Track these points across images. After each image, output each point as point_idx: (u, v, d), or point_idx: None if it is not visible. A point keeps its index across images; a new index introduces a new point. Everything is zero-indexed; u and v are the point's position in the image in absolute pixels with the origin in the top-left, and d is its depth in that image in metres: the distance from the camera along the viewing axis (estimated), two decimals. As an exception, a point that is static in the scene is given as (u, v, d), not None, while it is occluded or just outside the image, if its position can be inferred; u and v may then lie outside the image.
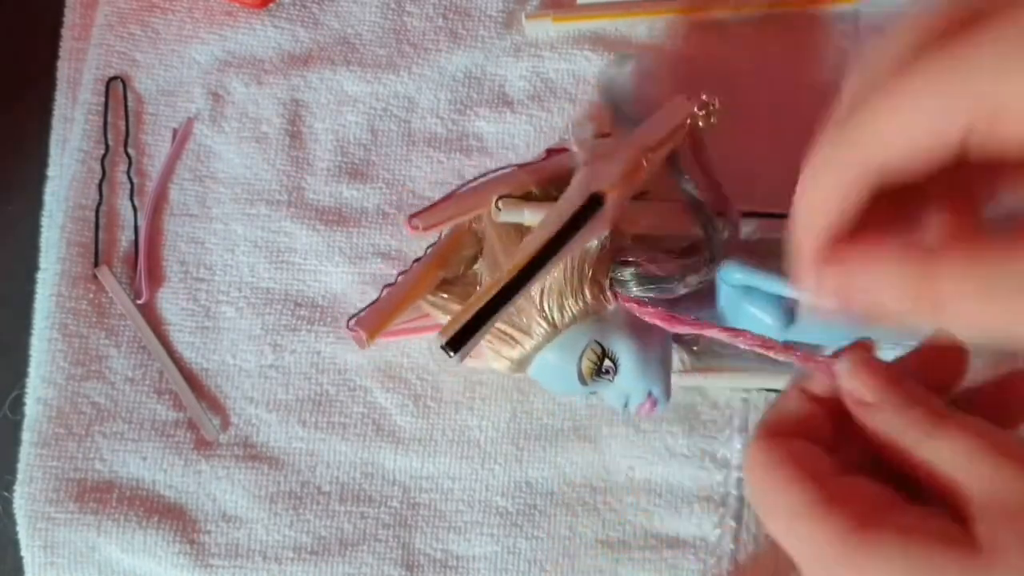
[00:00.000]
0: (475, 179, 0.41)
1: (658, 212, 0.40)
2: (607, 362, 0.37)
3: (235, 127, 0.47)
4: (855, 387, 0.28)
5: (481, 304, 0.34)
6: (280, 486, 0.43)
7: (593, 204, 0.35)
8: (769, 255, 0.33)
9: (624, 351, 0.37)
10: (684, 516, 0.42)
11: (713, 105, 0.39)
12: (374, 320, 0.39)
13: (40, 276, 0.46)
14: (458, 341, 0.33)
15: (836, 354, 0.28)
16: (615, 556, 0.42)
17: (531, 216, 0.37)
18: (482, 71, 0.47)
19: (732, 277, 0.37)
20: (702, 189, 0.39)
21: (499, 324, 0.36)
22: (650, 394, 0.37)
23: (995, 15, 0.20)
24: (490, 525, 0.42)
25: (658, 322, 0.36)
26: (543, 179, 0.40)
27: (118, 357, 0.44)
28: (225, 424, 0.44)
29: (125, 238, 0.46)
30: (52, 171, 0.47)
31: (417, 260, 0.41)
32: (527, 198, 0.39)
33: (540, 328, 0.37)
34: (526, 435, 0.43)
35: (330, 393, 0.44)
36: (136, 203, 0.46)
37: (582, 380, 0.37)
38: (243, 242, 0.46)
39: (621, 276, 0.37)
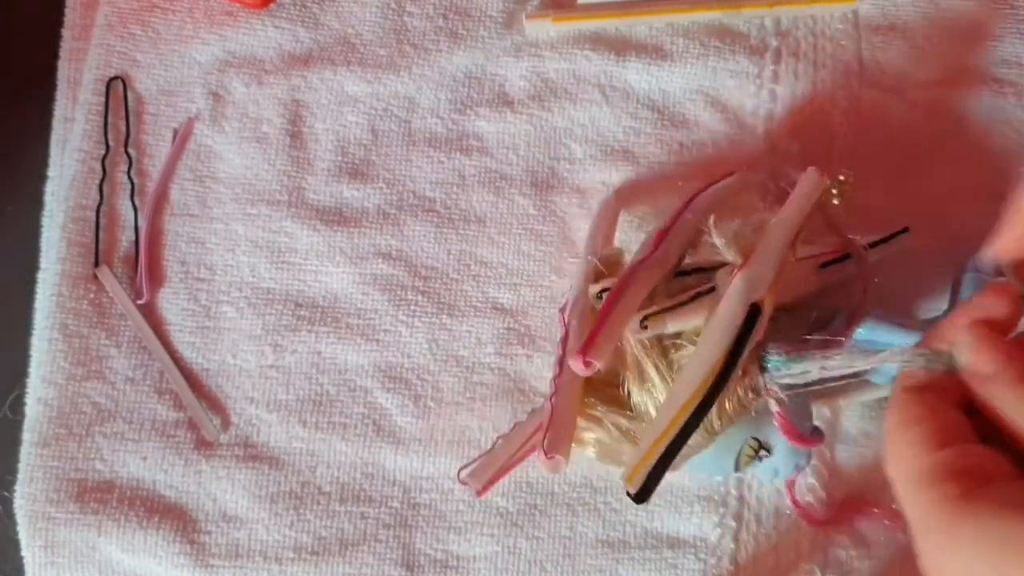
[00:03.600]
0: (618, 288, 0.37)
1: (788, 282, 0.38)
2: (763, 451, 0.37)
3: (236, 127, 0.47)
4: (974, 360, 0.30)
5: (665, 445, 0.32)
6: (280, 486, 0.43)
7: (753, 315, 0.34)
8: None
9: (779, 439, 0.36)
10: (684, 516, 0.42)
11: (847, 181, 0.38)
12: (564, 442, 0.36)
13: (40, 276, 0.46)
14: (647, 488, 0.32)
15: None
16: (615, 556, 0.42)
17: (673, 326, 0.36)
18: (482, 71, 0.47)
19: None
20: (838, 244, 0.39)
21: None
22: (797, 465, 0.37)
23: None
24: (490, 525, 0.42)
25: (784, 434, 0.35)
26: (668, 268, 0.38)
27: (118, 357, 0.44)
28: (226, 424, 0.44)
29: (126, 238, 0.46)
30: (52, 171, 0.47)
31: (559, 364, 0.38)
32: (661, 297, 0.37)
33: (699, 439, 0.35)
34: (526, 435, 0.43)
35: (331, 393, 0.44)
36: (137, 203, 0.46)
37: (737, 469, 0.37)
38: (244, 242, 0.46)
39: (772, 367, 0.35)
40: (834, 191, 0.38)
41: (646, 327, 0.35)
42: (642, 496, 0.32)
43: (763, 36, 0.47)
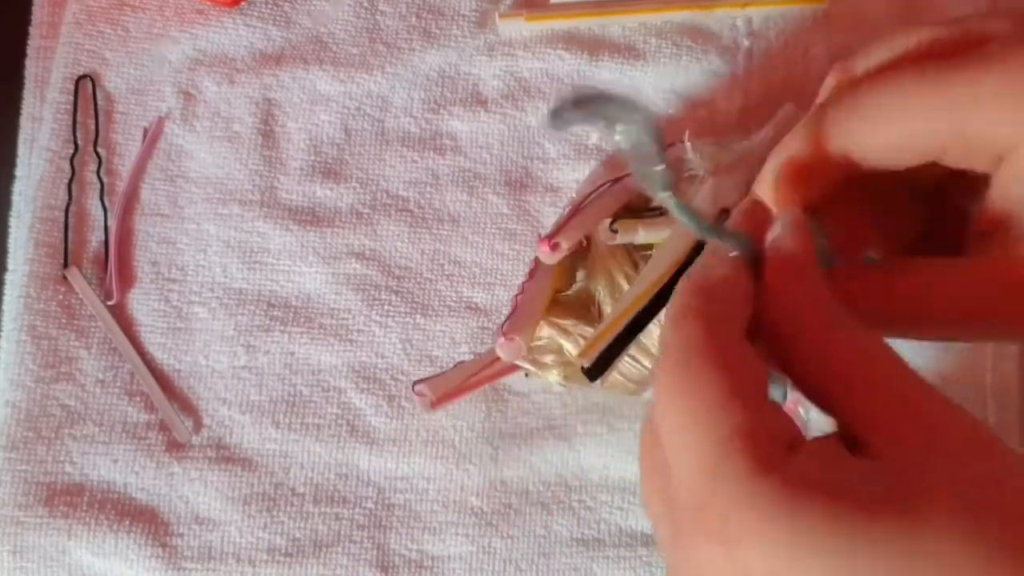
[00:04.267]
0: (587, 193, 0.39)
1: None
2: None
3: (207, 126, 0.46)
4: (787, 241, 0.25)
5: (621, 327, 0.32)
6: (254, 488, 0.43)
7: (723, 219, 0.34)
8: None
9: None
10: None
11: None
12: (525, 326, 0.36)
13: (8, 277, 0.45)
14: (600, 364, 0.32)
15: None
16: (590, 554, 0.42)
17: (644, 235, 0.36)
18: (456, 70, 0.47)
19: None
20: None
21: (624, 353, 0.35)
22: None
23: (982, 52, 0.24)
24: (465, 525, 0.42)
25: None
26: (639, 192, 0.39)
27: (88, 359, 0.44)
28: (198, 426, 0.44)
29: (95, 238, 0.45)
30: (20, 171, 0.46)
31: (531, 271, 0.39)
32: (633, 213, 0.38)
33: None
34: (501, 434, 0.43)
35: (304, 394, 0.44)
36: (106, 203, 0.45)
37: None
38: (215, 242, 0.45)
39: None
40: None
41: (616, 231, 0.36)
42: (595, 372, 0.32)
43: (735, 36, 0.47)
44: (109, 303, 0.44)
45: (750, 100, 0.46)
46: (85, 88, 0.46)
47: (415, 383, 0.40)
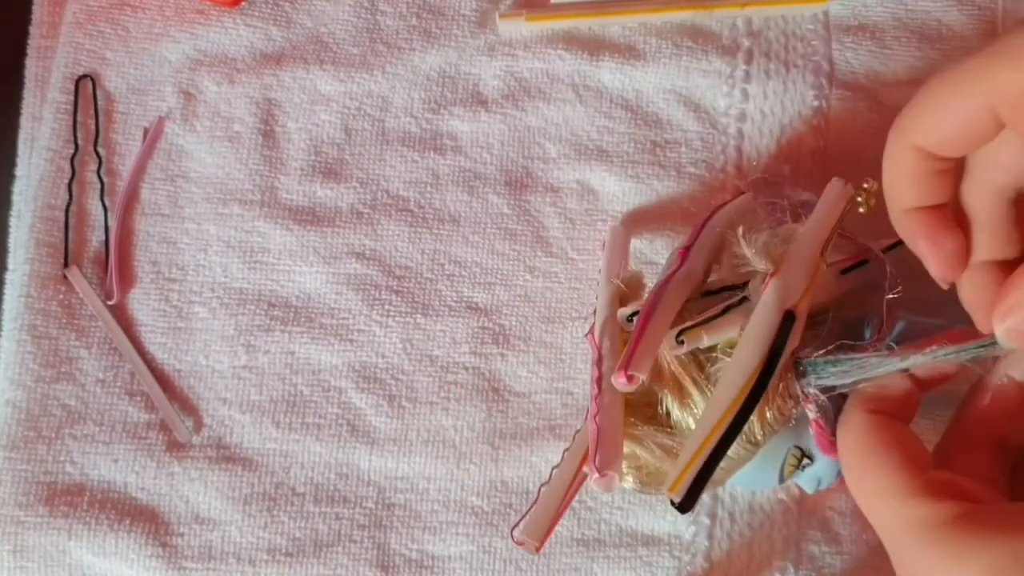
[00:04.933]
0: (650, 304, 0.36)
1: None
2: (805, 460, 0.37)
3: (207, 126, 0.46)
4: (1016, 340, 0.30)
5: (706, 454, 0.32)
6: (254, 487, 0.43)
7: (788, 322, 0.34)
8: None
9: (820, 452, 0.36)
10: (659, 514, 0.42)
11: (873, 188, 0.38)
12: (614, 457, 0.35)
13: (8, 277, 0.45)
14: (692, 496, 0.32)
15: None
16: (590, 554, 0.42)
17: (709, 339, 0.35)
18: (456, 70, 0.47)
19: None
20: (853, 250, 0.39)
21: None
22: (839, 472, 0.37)
23: (1011, 30, 0.29)
24: (466, 525, 0.42)
25: (817, 441, 0.35)
26: (696, 284, 0.38)
27: (89, 359, 0.44)
28: (198, 426, 0.44)
29: (95, 238, 0.45)
30: (20, 171, 0.46)
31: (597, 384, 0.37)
32: (693, 308, 0.37)
33: (740, 449, 0.35)
34: (501, 434, 0.43)
35: (304, 394, 0.44)
36: (107, 203, 0.45)
37: (781, 481, 0.37)
38: (216, 242, 0.45)
39: (810, 370, 0.35)
40: (859, 199, 0.38)
41: (682, 342, 0.35)
42: (686, 505, 0.32)
43: (735, 36, 0.47)
44: (109, 303, 0.44)
45: (750, 102, 0.46)
46: (85, 88, 0.46)
47: (512, 530, 0.38)
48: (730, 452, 0.34)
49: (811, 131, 0.46)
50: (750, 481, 0.38)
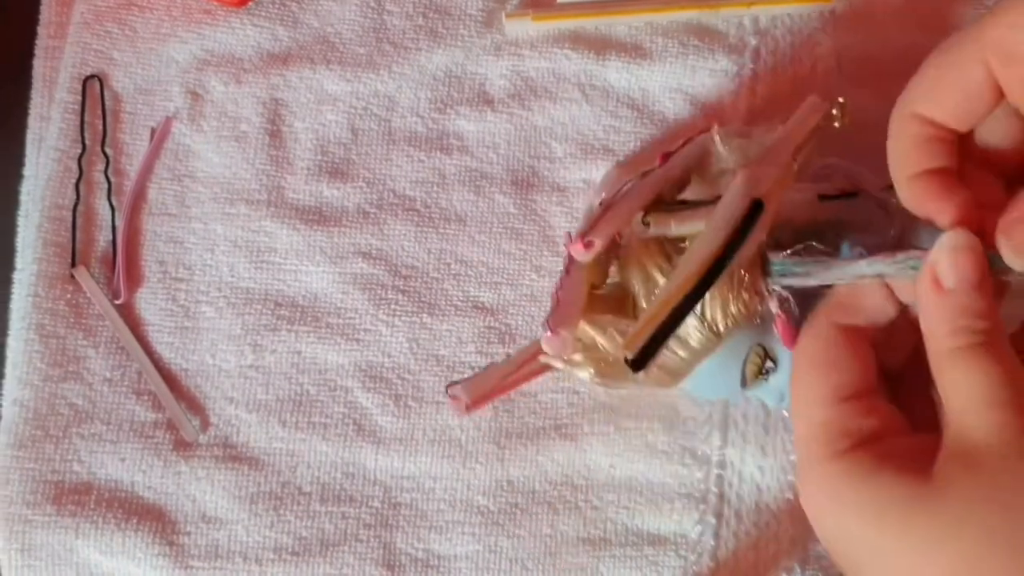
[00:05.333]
0: (616, 189, 0.39)
1: (785, 207, 0.39)
2: (768, 363, 0.37)
3: (214, 126, 0.46)
4: (945, 263, 0.30)
5: (664, 316, 0.33)
6: (260, 487, 0.43)
7: (755, 210, 0.34)
8: None
9: (785, 356, 0.37)
10: (665, 513, 0.42)
11: (846, 106, 0.39)
12: (568, 320, 0.36)
13: (16, 276, 0.45)
14: (644, 355, 0.33)
15: None
16: (597, 554, 0.42)
17: (677, 228, 0.37)
18: (462, 70, 0.47)
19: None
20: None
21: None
22: None
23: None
24: (472, 524, 0.42)
25: (784, 339, 0.36)
26: (672, 182, 0.39)
27: (96, 358, 0.44)
28: (205, 425, 0.44)
29: (103, 238, 0.45)
30: (28, 170, 0.46)
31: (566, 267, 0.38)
32: (661, 203, 0.38)
33: (703, 338, 0.36)
34: (507, 434, 0.43)
35: (311, 393, 0.44)
36: (114, 202, 0.45)
37: (744, 384, 0.37)
38: (223, 242, 0.45)
39: (776, 269, 0.35)
40: (834, 112, 0.39)
41: (648, 224, 0.36)
42: (639, 363, 0.33)
43: (742, 35, 0.47)
44: (117, 302, 0.44)
45: (757, 100, 0.46)
46: (93, 88, 0.46)
47: (448, 385, 0.39)
48: (693, 340, 0.36)
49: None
50: (711, 380, 0.38)
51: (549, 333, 0.35)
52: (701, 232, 0.35)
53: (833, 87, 0.46)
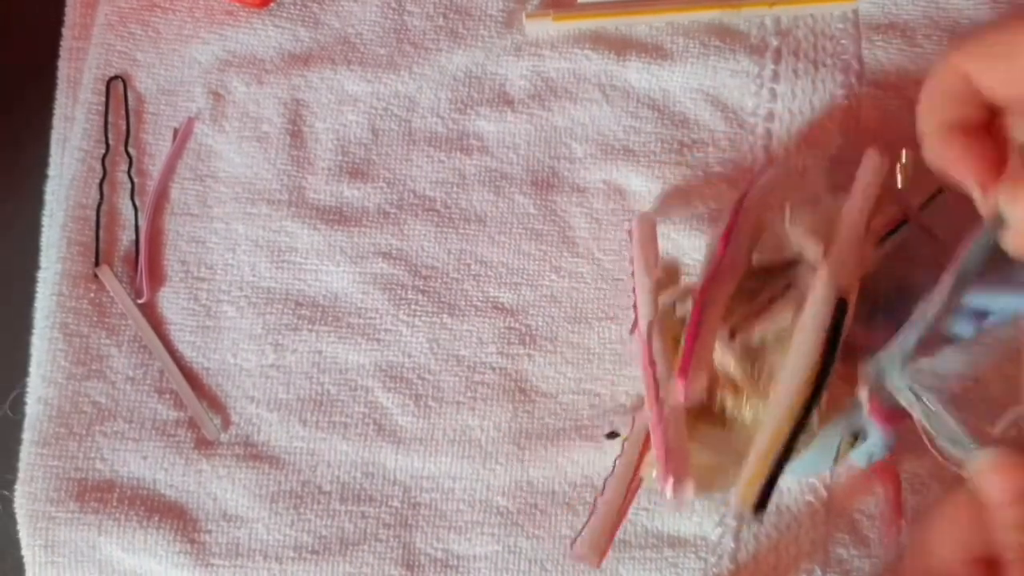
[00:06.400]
0: (699, 305, 0.36)
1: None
2: (858, 441, 0.37)
3: (236, 126, 0.47)
4: (989, 484, 0.30)
5: (775, 455, 0.32)
6: (281, 485, 0.43)
7: (841, 310, 0.34)
8: None
9: (874, 430, 0.36)
10: (685, 515, 0.42)
11: (908, 161, 0.38)
12: (682, 464, 0.34)
13: (41, 275, 0.46)
14: (764, 499, 0.32)
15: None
16: (616, 555, 0.42)
17: (760, 331, 0.36)
18: (483, 70, 0.47)
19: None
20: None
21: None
22: (887, 446, 0.37)
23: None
24: (491, 525, 0.42)
25: (878, 422, 0.35)
26: (740, 276, 0.37)
27: (119, 356, 0.44)
28: (226, 423, 0.44)
29: (126, 237, 0.46)
30: (53, 170, 0.47)
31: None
32: (747, 312, 0.36)
33: (800, 442, 0.35)
34: (527, 434, 0.43)
35: (331, 393, 0.44)
36: (137, 202, 0.46)
37: (838, 461, 0.37)
38: (244, 241, 0.46)
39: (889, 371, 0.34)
40: (897, 172, 0.38)
41: (735, 337, 0.35)
42: (759, 509, 0.32)
43: (763, 35, 0.47)
44: (139, 301, 0.45)
45: (777, 103, 0.46)
46: (116, 89, 0.47)
47: (572, 543, 0.37)
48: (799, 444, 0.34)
49: (841, 130, 0.45)
50: (807, 469, 0.37)
51: (670, 491, 0.34)
52: (792, 349, 0.33)
53: (855, 88, 0.46)
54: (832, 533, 0.42)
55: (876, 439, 0.37)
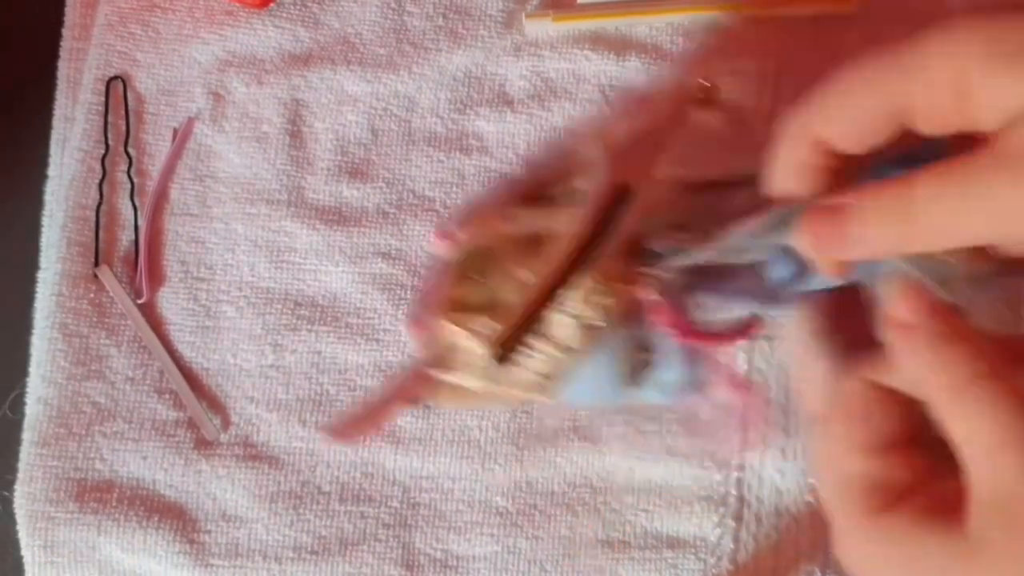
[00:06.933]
0: (483, 192, 0.39)
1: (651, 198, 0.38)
2: (643, 354, 0.36)
3: (235, 127, 0.47)
4: (900, 305, 0.28)
5: (529, 307, 0.33)
6: (280, 486, 0.43)
7: (623, 196, 0.34)
8: None
9: (663, 342, 0.36)
10: (684, 516, 0.42)
11: (713, 88, 0.39)
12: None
13: (40, 276, 0.46)
14: (508, 347, 0.33)
15: None
16: (615, 556, 0.42)
17: (545, 221, 0.36)
18: (482, 70, 0.47)
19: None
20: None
21: (530, 340, 0.35)
22: (692, 380, 0.37)
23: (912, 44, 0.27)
24: (490, 525, 0.42)
25: (668, 329, 0.35)
26: (545, 182, 0.38)
27: (118, 357, 0.44)
28: (225, 424, 0.44)
29: (125, 237, 0.46)
30: (52, 171, 0.47)
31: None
32: (529, 203, 0.38)
33: (577, 336, 0.35)
34: (526, 435, 0.43)
35: (330, 393, 0.44)
36: (136, 203, 0.46)
37: (625, 382, 0.37)
38: (243, 241, 0.46)
39: (658, 260, 0.35)
40: (699, 94, 0.39)
41: (514, 219, 0.36)
42: (503, 356, 0.33)
43: (763, 36, 0.47)
44: (139, 301, 0.45)
45: (780, 101, 0.46)
46: (116, 89, 0.47)
47: (322, 428, 0.39)
48: (569, 338, 0.35)
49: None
50: (593, 383, 0.37)
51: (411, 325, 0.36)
52: (567, 225, 0.35)
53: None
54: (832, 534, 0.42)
55: (672, 361, 0.36)
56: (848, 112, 0.28)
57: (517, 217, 0.37)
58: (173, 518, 0.43)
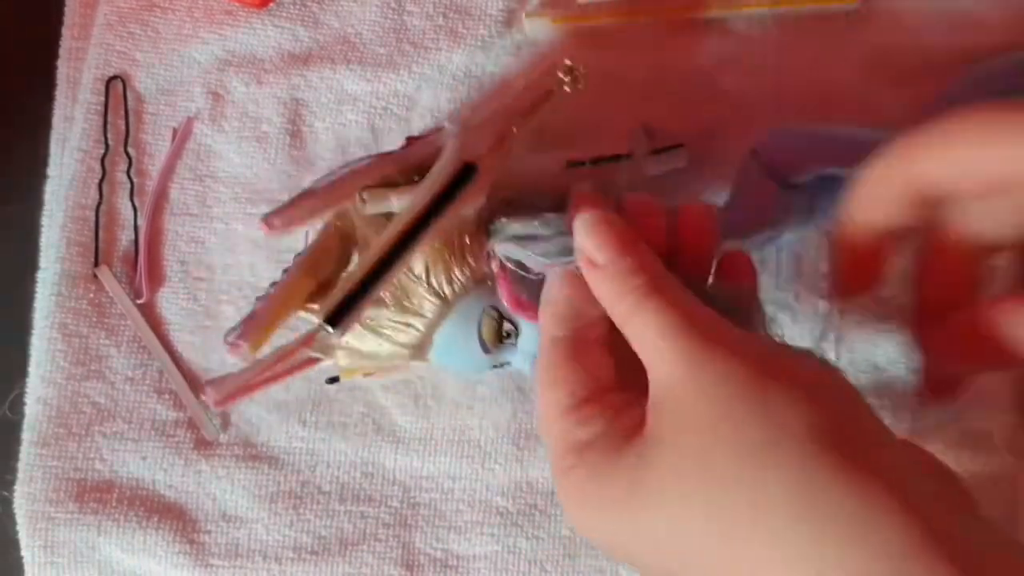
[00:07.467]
0: (332, 172, 0.39)
1: (531, 174, 0.40)
2: (507, 324, 0.37)
3: (235, 126, 0.47)
4: (588, 244, 0.30)
5: (359, 275, 0.34)
6: (280, 486, 0.43)
7: (466, 173, 0.36)
8: None
9: (521, 322, 0.37)
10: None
11: (578, 70, 0.40)
12: (255, 331, 0.37)
13: (40, 276, 0.46)
14: (338, 315, 0.34)
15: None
16: (616, 556, 0.42)
17: (399, 204, 0.37)
18: (482, 70, 0.47)
19: None
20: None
21: (390, 313, 0.37)
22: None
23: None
24: (490, 525, 0.42)
25: (504, 295, 0.36)
26: (407, 167, 0.39)
27: (118, 357, 0.44)
28: (225, 424, 0.44)
29: (125, 237, 0.46)
30: (52, 171, 0.47)
31: (286, 269, 0.39)
32: (392, 186, 0.38)
33: (431, 305, 0.37)
34: (526, 435, 0.43)
35: (330, 393, 0.44)
36: (136, 203, 0.46)
37: (486, 348, 0.38)
38: (243, 241, 0.46)
39: (498, 235, 0.35)
40: (562, 76, 0.40)
41: (364, 200, 0.37)
42: (332, 321, 0.34)
43: (764, 35, 0.47)
44: (138, 301, 0.45)
45: (782, 100, 0.46)
46: (116, 89, 0.47)
47: (204, 383, 0.40)
48: (425, 310, 0.37)
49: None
50: (454, 349, 0.38)
51: (229, 346, 0.37)
52: (410, 199, 0.36)
53: (857, 86, 0.46)
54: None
55: (530, 336, 0.37)
56: (966, 162, 0.29)
57: (371, 198, 0.37)
58: (173, 518, 0.43)
